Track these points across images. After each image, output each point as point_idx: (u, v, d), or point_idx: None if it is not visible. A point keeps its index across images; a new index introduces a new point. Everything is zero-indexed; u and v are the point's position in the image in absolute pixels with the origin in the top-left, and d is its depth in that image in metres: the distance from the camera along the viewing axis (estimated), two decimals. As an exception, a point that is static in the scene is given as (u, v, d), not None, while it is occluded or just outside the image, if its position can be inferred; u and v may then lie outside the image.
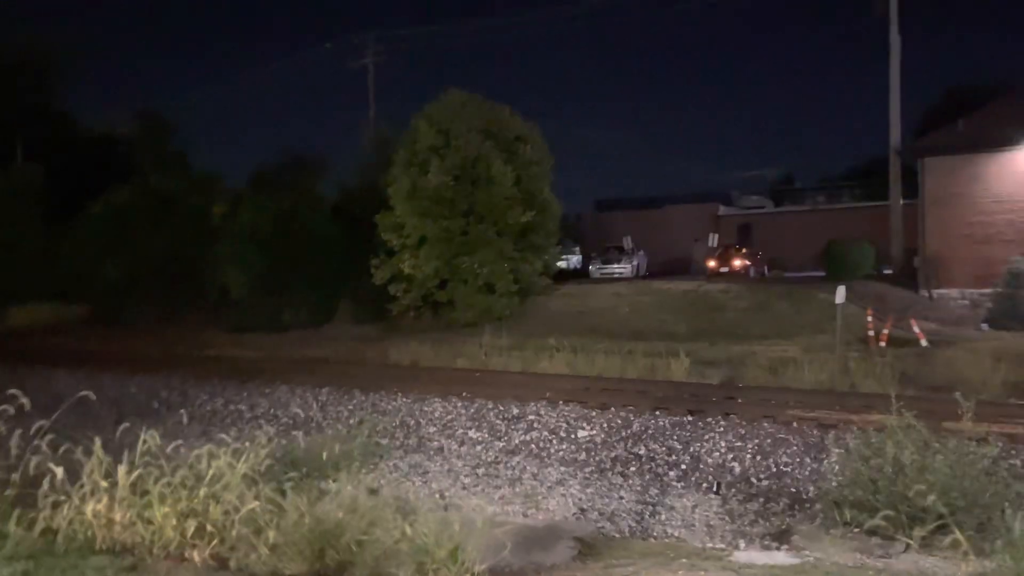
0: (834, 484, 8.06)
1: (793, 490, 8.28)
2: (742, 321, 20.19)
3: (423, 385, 13.41)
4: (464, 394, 12.57)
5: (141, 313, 26.59)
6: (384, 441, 10.76)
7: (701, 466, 9.03)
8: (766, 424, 9.91)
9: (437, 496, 8.51)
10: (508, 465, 9.64)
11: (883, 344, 15.59)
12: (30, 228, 31.28)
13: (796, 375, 13.50)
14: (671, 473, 8.95)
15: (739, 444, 9.36)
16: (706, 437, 9.69)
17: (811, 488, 8.18)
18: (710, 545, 7.19)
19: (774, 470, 8.71)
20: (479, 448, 10.32)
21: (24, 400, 5.57)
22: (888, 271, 25.15)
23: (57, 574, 4.12)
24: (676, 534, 7.58)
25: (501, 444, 10.36)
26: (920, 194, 22.07)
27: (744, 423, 10.00)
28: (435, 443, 10.67)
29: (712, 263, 30.27)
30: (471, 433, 10.83)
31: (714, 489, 8.54)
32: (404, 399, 12.57)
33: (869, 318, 16.60)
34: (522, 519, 7.78)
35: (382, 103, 37.46)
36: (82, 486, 4.99)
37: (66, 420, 6.05)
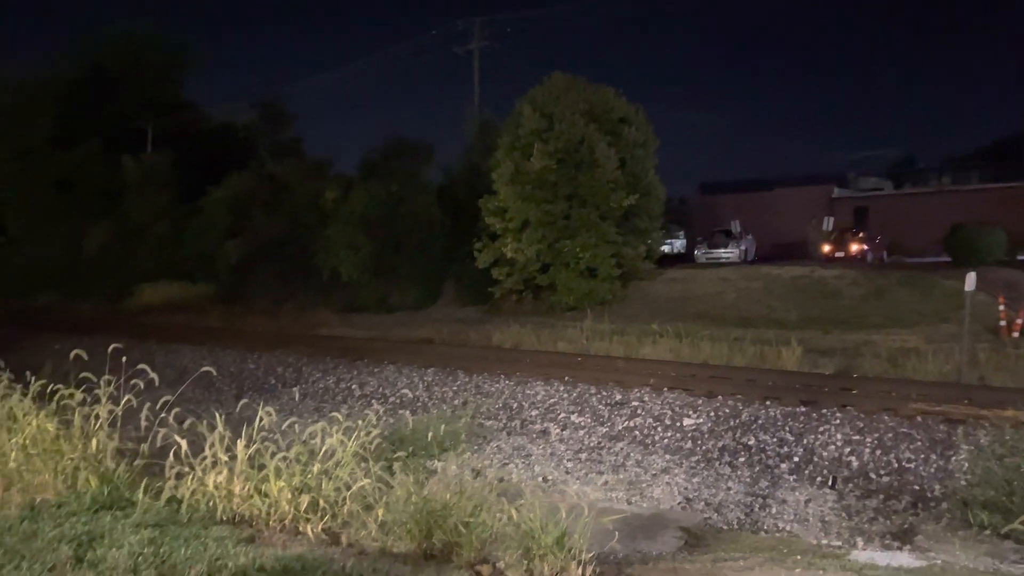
0: (963, 483, 7.58)
1: (916, 488, 7.81)
2: (858, 308, 19.22)
3: (525, 368, 13.44)
4: (566, 378, 12.51)
5: (258, 293, 27.86)
6: (487, 423, 10.86)
7: (815, 459, 8.65)
8: (886, 417, 9.38)
9: (540, 480, 8.51)
10: (611, 451, 9.53)
11: (1016, 335, 14.50)
12: (160, 212, 33.32)
13: (918, 366, 12.75)
14: (783, 465, 8.61)
15: (857, 438, 8.90)
16: (820, 429, 9.27)
17: (937, 487, 7.70)
18: (825, 542, 6.88)
19: (895, 466, 8.24)
20: (581, 433, 10.25)
21: (153, 375, 5.89)
22: (1022, 257, 23.37)
23: (181, 543, 4.33)
24: (788, 528, 7.30)
25: (604, 429, 10.26)
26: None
27: (862, 416, 9.50)
28: (537, 426, 10.67)
29: (827, 247, 28.96)
30: (573, 417, 10.77)
31: (829, 483, 8.16)
32: (507, 381, 12.63)
33: (1001, 307, 15.47)
34: (626, 506, 7.68)
35: (487, 88, 37.71)
36: (204, 458, 5.23)
37: (190, 394, 6.38)
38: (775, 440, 9.21)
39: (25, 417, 5.61)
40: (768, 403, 10.36)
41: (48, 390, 5.98)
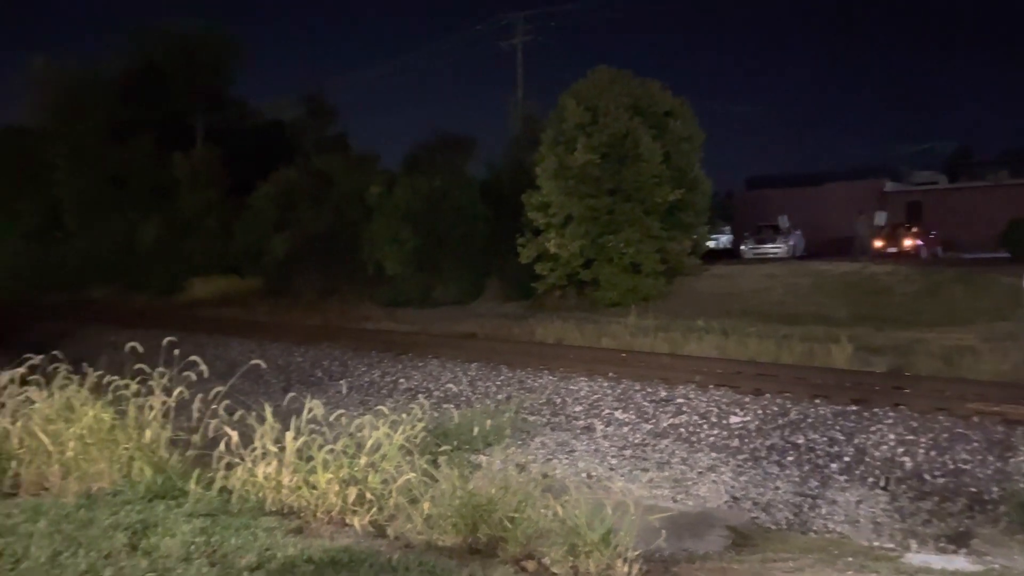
0: (1022, 486, 7.35)
1: (973, 490, 7.57)
2: (911, 306, 18.73)
3: (569, 364, 13.40)
4: (610, 374, 12.44)
5: (305, 286, 28.27)
6: (531, 418, 10.85)
7: (867, 459, 8.45)
8: (941, 417, 9.13)
9: (584, 476, 8.47)
10: (656, 448, 9.44)
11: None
12: (209, 207, 34.00)
13: (974, 365, 12.37)
14: (833, 465, 8.43)
15: (910, 438, 8.68)
16: (872, 429, 9.05)
17: (994, 489, 7.46)
18: (877, 544, 6.72)
19: (951, 467, 8.01)
20: (626, 429, 10.18)
21: (204, 367, 6.00)
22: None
23: (232, 532, 4.40)
24: (839, 530, 7.15)
25: (648, 426, 10.17)
26: None
27: (916, 415, 9.26)
28: (581, 422, 10.62)
29: (878, 243, 28.29)
30: (617, 414, 10.70)
31: (881, 484, 7.96)
32: (550, 377, 12.61)
33: (1063, 305, 14.94)
34: (672, 504, 7.60)
35: (530, 82, 37.60)
36: (254, 450, 5.30)
37: (240, 386, 6.47)
38: (825, 439, 9.02)
39: (82, 407, 5.76)
40: (817, 401, 10.17)
41: (104, 381, 6.12)
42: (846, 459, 8.52)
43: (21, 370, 6.28)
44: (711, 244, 30.43)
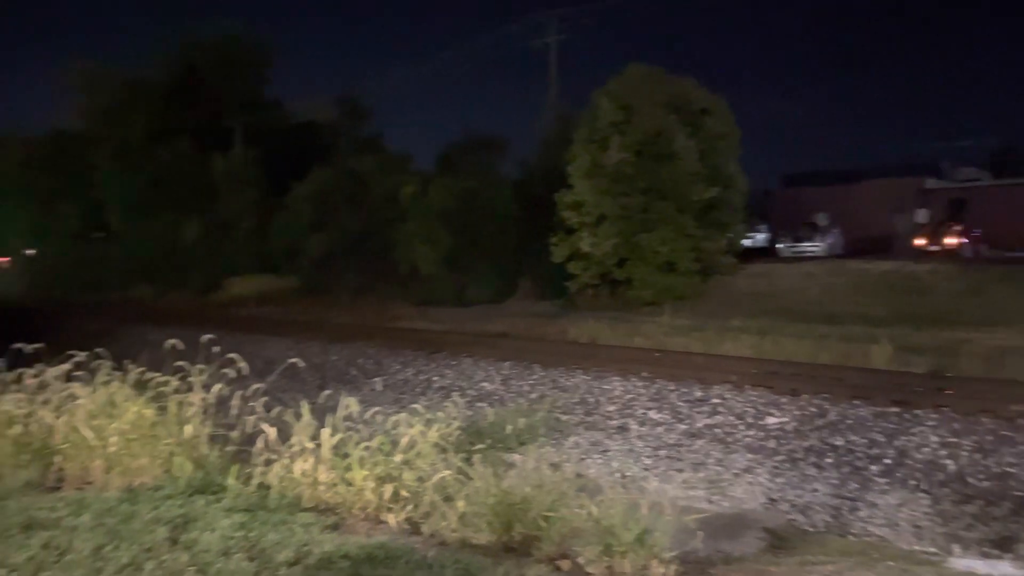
0: (1072, 491, 7.15)
1: (1018, 493, 7.38)
2: (953, 305, 18.31)
3: (602, 363, 13.34)
4: (644, 374, 12.36)
5: (340, 286, 28.55)
6: (564, 417, 10.82)
7: (908, 462, 8.28)
8: (985, 419, 8.92)
9: (618, 476, 8.43)
10: (691, 449, 9.36)
11: None
12: (247, 207, 34.52)
13: (1019, 366, 12.03)
14: (872, 467, 8.28)
15: (953, 440, 8.48)
16: (913, 431, 8.87)
17: (1042, 494, 7.26)
18: (919, 548, 6.59)
19: (996, 470, 7.81)
20: (660, 429, 10.10)
21: (243, 364, 6.08)
22: None
23: (270, 528, 4.46)
24: (879, 533, 7.02)
25: (683, 427, 10.08)
26: None
27: (959, 417, 9.05)
28: (615, 422, 10.57)
29: (920, 241, 27.71)
30: (651, 414, 10.63)
31: (922, 487, 7.80)
32: (583, 376, 12.56)
33: (1114, 305, 14.48)
34: (707, 505, 7.53)
35: (563, 81, 37.43)
36: (291, 446, 5.37)
37: (277, 383, 6.56)
38: (864, 441, 8.86)
39: (125, 403, 5.88)
40: (857, 403, 9.99)
41: (145, 378, 6.24)
42: (886, 461, 8.36)
43: (66, 367, 6.42)
44: (747, 242, 30.08)
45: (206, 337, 6.27)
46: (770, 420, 9.79)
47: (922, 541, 6.79)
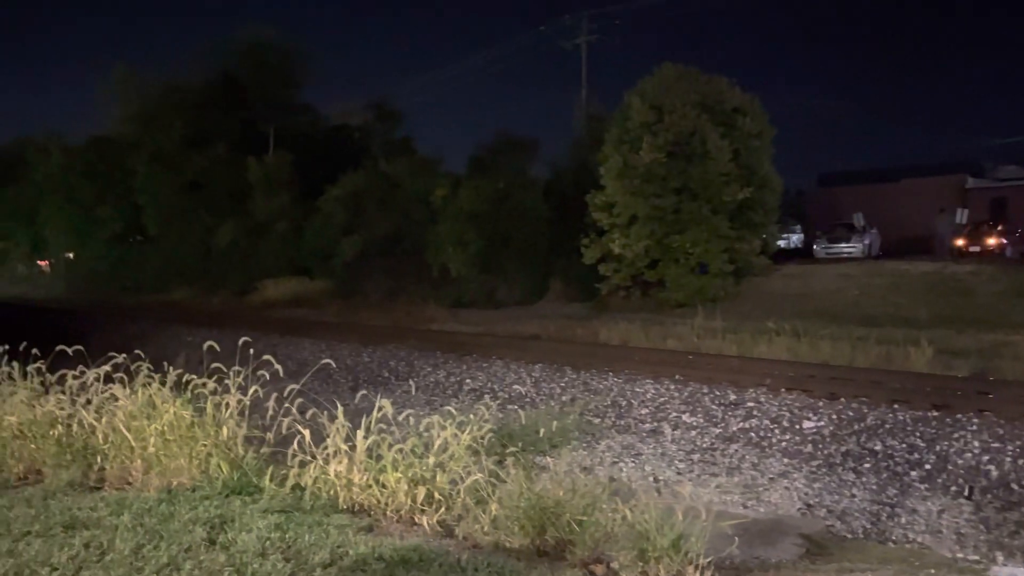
0: (1121, 499, 6.94)
1: (1065, 502, 7.18)
2: (996, 307, 17.91)
3: (634, 365, 13.25)
4: (677, 376, 12.25)
5: (372, 288, 28.78)
6: (596, 420, 10.77)
7: (949, 467, 8.09)
8: (1030, 425, 8.69)
9: (651, 480, 8.37)
10: (725, 453, 9.25)
11: None
12: (281, 211, 34.96)
13: (1066, 370, 11.74)
14: (912, 473, 8.11)
15: (996, 445, 8.28)
16: (955, 435, 8.67)
17: (1090, 501, 7.06)
18: (961, 556, 6.44)
19: (1041, 477, 7.61)
20: (693, 433, 10.00)
21: (277, 366, 6.14)
22: None
23: (305, 529, 4.49)
24: (919, 540, 6.87)
25: (717, 430, 9.97)
26: None
27: (1002, 422, 8.83)
28: (647, 425, 10.49)
29: (960, 242, 27.16)
30: (685, 417, 10.53)
31: (965, 494, 7.62)
32: (615, 379, 12.49)
33: None
34: (742, 510, 7.44)
35: (594, 82, 37.40)
36: (325, 448, 5.40)
37: (311, 385, 6.60)
38: (904, 446, 8.68)
39: (163, 405, 5.96)
40: (896, 406, 9.80)
41: (183, 379, 6.33)
42: (927, 467, 8.19)
43: (106, 368, 6.54)
44: (781, 243, 29.77)
45: (242, 339, 6.34)
46: (807, 424, 9.64)
47: (964, 549, 6.64)
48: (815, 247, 29.86)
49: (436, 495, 5.02)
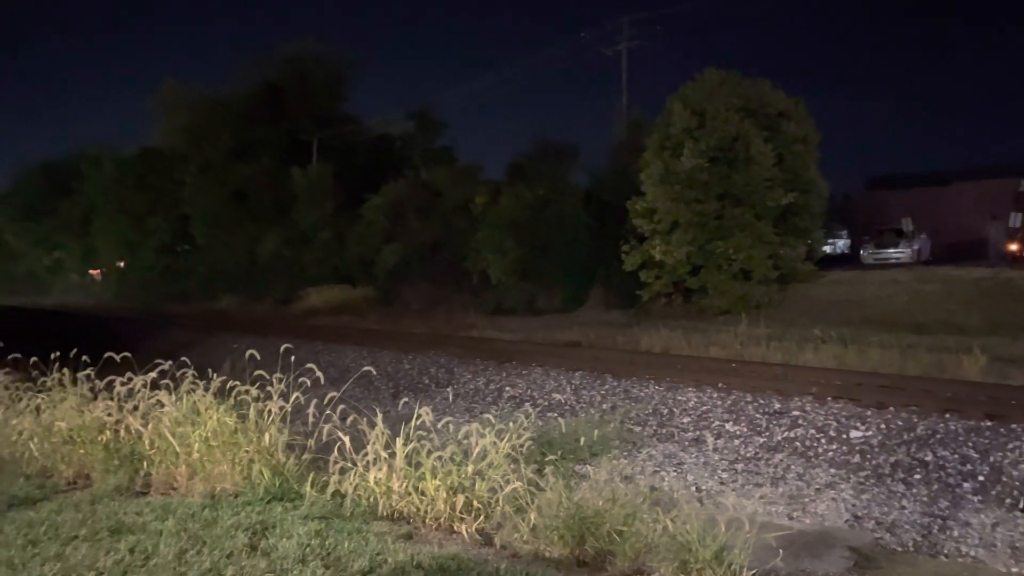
0: None
1: None
2: (1053, 314, 17.30)
3: (676, 373, 13.09)
4: (720, 384, 12.06)
5: (413, 295, 28.99)
6: (637, 429, 10.65)
7: (1004, 479, 7.81)
8: (1090, 436, 8.35)
9: (694, 490, 8.24)
10: (769, 463, 9.06)
11: None
12: (324, 220, 35.46)
13: None
14: (965, 484, 7.84)
15: (1054, 457, 7.97)
16: (1010, 446, 8.37)
17: None
18: (1016, 571, 6.20)
19: (1103, 491, 7.30)
20: (737, 442, 9.82)
21: (319, 373, 6.20)
22: None
23: (345, 536, 4.51)
24: (972, 554, 6.63)
25: (761, 440, 9.77)
26: None
27: (1061, 433, 8.50)
28: (689, 434, 10.33)
29: (1013, 247, 26.36)
30: (728, 426, 10.35)
31: (1020, 506, 7.35)
32: (656, 387, 12.35)
33: None
34: (787, 521, 7.27)
35: (635, 88, 37.24)
36: (366, 455, 5.43)
37: (352, 392, 6.65)
38: (956, 456, 8.41)
39: (207, 411, 6.06)
40: (948, 416, 9.50)
41: (226, 386, 6.43)
42: (980, 478, 7.91)
43: (152, 375, 6.67)
44: (827, 249, 29.22)
45: (284, 346, 6.42)
46: (854, 434, 9.40)
47: (1020, 563, 6.39)
48: (862, 252, 29.25)
49: (475, 503, 5.01)
